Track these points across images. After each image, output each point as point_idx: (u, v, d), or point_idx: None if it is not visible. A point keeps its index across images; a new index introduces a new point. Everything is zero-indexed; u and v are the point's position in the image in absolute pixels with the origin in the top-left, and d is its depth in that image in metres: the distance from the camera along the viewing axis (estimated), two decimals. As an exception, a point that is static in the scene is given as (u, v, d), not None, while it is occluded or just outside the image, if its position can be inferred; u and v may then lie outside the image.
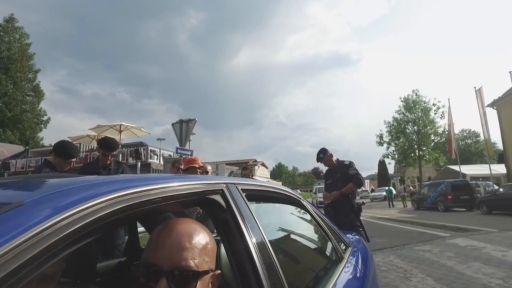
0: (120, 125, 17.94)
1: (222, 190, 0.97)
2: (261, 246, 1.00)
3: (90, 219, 0.54)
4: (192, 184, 0.86)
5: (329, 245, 1.71)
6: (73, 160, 2.98)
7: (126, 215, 0.64)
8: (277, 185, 1.50)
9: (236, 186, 1.07)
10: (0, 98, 29.79)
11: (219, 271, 0.74)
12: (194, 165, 3.89)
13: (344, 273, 1.50)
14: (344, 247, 1.87)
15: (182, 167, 4.35)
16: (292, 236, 1.70)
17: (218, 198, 0.94)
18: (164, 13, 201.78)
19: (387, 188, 27.82)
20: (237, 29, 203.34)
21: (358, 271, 1.76)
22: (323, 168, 4.76)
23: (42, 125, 32.82)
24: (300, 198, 1.71)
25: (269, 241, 1.06)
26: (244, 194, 1.09)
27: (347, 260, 1.69)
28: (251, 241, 0.95)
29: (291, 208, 1.70)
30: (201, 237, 0.70)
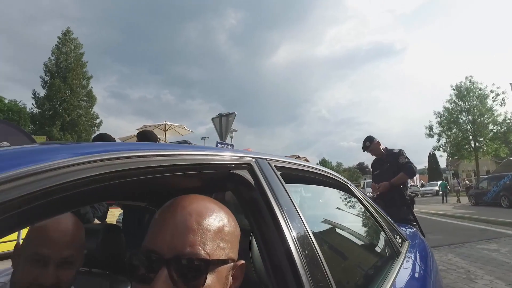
0: (165, 124, 18.63)
1: (250, 165, 0.80)
2: (300, 234, 0.82)
3: (51, 185, 0.39)
4: (211, 155, 0.69)
5: (383, 237, 1.47)
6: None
7: (115, 186, 0.49)
8: (320, 166, 1.29)
9: (268, 162, 0.89)
10: (61, 105, 32.55)
11: (243, 262, 0.57)
12: None
13: (403, 270, 1.26)
14: (400, 241, 1.61)
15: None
16: (339, 225, 1.49)
17: (244, 173, 0.77)
18: (203, 15, 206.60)
19: (440, 181, 25.87)
20: (275, 25, 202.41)
21: (418, 268, 1.50)
22: (369, 162, 4.42)
23: (95, 127, 35.24)
24: (347, 183, 1.48)
25: (310, 229, 0.88)
26: (279, 172, 0.91)
27: (405, 255, 1.44)
28: (287, 227, 0.77)
29: (337, 194, 1.48)
30: (215, 217, 0.54)
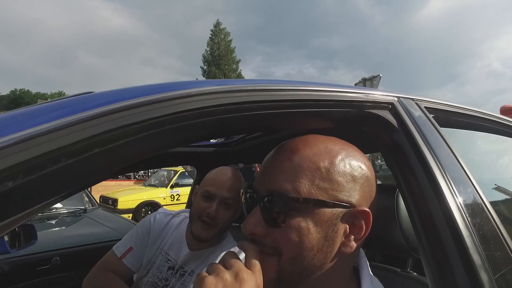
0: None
1: (391, 104, 0.66)
2: (465, 192, 0.64)
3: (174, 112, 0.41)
4: (343, 91, 0.60)
5: None
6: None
7: (234, 120, 0.48)
8: (497, 114, 0.99)
9: (416, 103, 0.73)
10: (217, 90, 37.91)
11: (366, 209, 0.47)
12: None
13: None
14: None
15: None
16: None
17: (385, 114, 0.64)
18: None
19: None
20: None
21: None
22: None
23: (247, 108, 39.77)
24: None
25: (481, 189, 0.68)
26: (431, 115, 0.74)
27: None
28: (446, 181, 0.61)
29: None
30: (316, 153, 0.48)
